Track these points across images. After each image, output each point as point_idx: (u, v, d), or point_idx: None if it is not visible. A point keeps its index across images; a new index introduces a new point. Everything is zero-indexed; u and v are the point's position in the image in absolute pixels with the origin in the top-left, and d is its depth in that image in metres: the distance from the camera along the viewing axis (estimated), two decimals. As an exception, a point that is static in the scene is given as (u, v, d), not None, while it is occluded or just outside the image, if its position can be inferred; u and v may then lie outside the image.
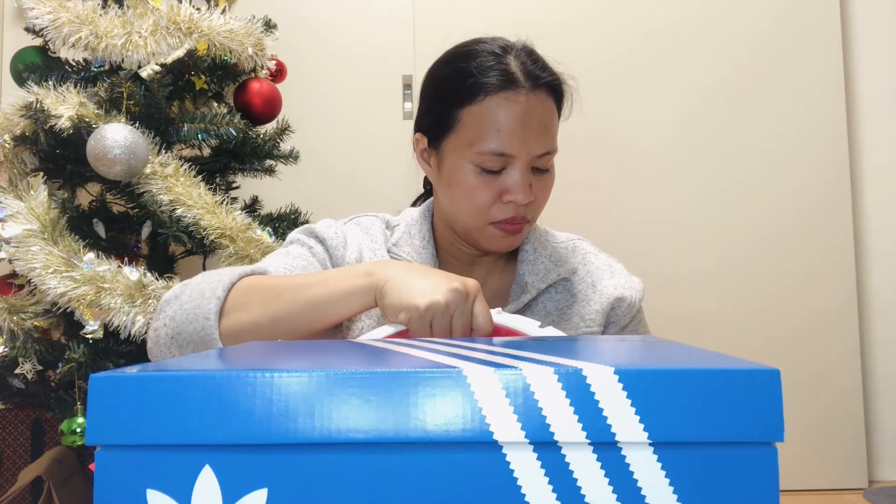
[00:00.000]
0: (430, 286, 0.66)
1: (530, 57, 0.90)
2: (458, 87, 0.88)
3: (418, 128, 0.95)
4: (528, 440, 0.31)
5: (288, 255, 0.90)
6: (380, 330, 0.68)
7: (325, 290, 0.72)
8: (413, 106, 2.16)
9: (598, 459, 0.31)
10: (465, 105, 0.87)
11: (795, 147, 2.20)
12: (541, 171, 0.89)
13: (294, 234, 0.95)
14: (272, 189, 1.95)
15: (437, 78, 0.93)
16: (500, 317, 0.70)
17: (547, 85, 0.89)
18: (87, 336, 1.44)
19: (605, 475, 0.31)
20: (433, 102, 0.93)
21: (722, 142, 2.21)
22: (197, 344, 0.74)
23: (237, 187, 1.82)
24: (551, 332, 0.67)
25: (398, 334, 0.68)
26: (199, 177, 1.57)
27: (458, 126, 0.88)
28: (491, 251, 0.94)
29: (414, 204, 1.11)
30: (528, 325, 0.69)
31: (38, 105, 1.46)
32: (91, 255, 1.45)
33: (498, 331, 0.69)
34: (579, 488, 0.31)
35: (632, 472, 0.31)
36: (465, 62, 0.88)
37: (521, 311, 0.94)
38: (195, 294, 0.77)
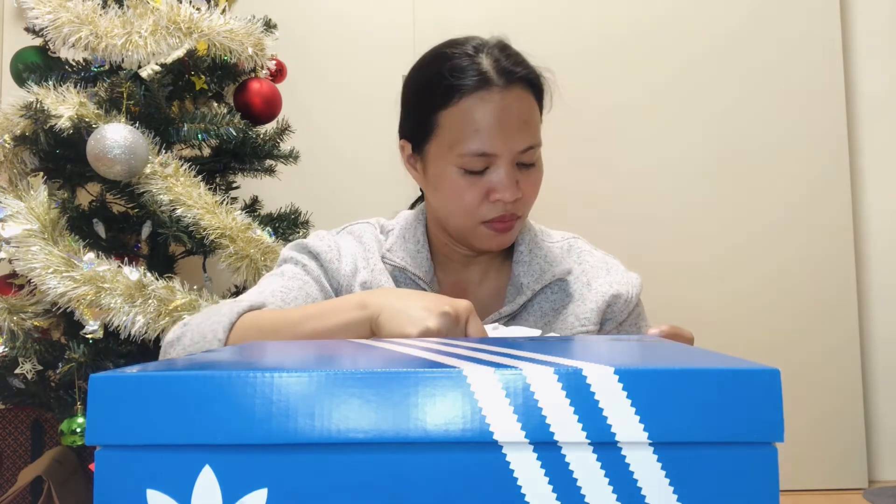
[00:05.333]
0: (421, 314, 0.66)
1: (503, 52, 0.89)
2: (434, 92, 0.88)
3: (402, 134, 0.95)
4: (528, 440, 0.31)
5: (283, 277, 0.90)
6: None
7: (321, 324, 0.72)
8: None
9: (598, 459, 0.31)
10: (441, 109, 0.87)
11: (795, 144, 2.20)
12: (526, 165, 0.89)
13: (287, 252, 0.95)
14: (272, 189, 1.95)
15: (413, 84, 0.94)
16: (498, 331, 0.70)
17: (522, 79, 0.88)
18: (87, 336, 1.44)
19: (605, 475, 0.31)
20: (412, 108, 0.93)
21: (721, 140, 2.21)
22: None
23: (237, 187, 1.82)
24: None
25: None
26: (199, 177, 1.57)
27: (438, 130, 0.88)
28: (484, 251, 0.94)
29: (412, 206, 1.11)
30: (528, 335, 0.69)
31: (38, 105, 1.46)
32: (91, 255, 1.45)
33: None
34: (579, 488, 0.31)
35: (632, 472, 0.31)
36: (439, 66, 0.88)
37: (517, 311, 0.94)
38: (196, 337, 0.77)
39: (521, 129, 0.86)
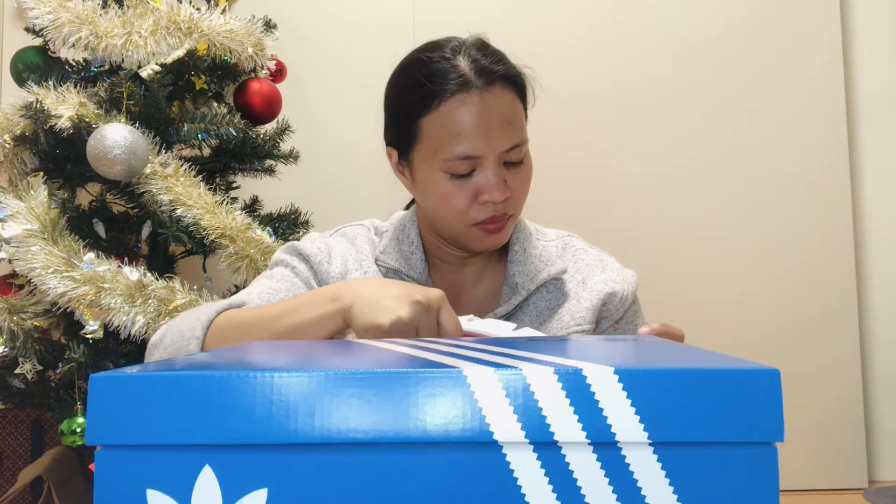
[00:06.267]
0: (392, 303, 0.66)
1: (481, 52, 0.88)
2: (414, 98, 0.87)
3: (388, 141, 0.95)
4: (528, 440, 0.31)
5: (272, 279, 0.90)
6: None
7: (295, 319, 0.72)
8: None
9: (598, 459, 0.31)
10: (422, 115, 0.87)
11: (795, 143, 2.20)
12: (514, 164, 0.88)
13: (278, 255, 0.96)
14: (272, 189, 1.95)
15: (393, 91, 0.93)
16: (472, 324, 0.70)
17: (502, 78, 0.87)
18: (87, 336, 1.44)
19: (605, 475, 0.31)
20: (394, 116, 0.93)
21: (721, 139, 2.21)
22: None
23: (237, 187, 1.82)
24: (528, 332, 0.67)
25: None
26: (199, 177, 1.57)
27: (421, 136, 0.88)
28: (479, 251, 0.94)
29: (408, 207, 1.11)
30: (502, 329, 0.69)
31: (38, 105, 1.46)
32: (91, 255, 1.45)
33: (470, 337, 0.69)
34: (579, 488, 0.31)
35: (632, 472, 0.31)
36: (417, 72, 0.88)
37: (513, 311, 0.94)
38: (176, 336, 0.78)
39: (503, 129, 0.86)
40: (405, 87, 0.90)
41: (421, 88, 0.86)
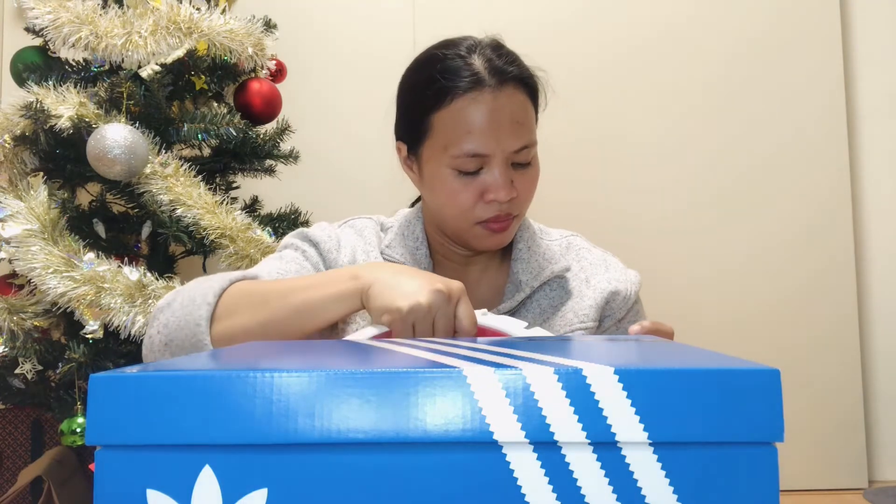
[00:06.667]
0: (413, 288, 0.66)
1: (496, 52, 0.89)
2: (427, 94, 0.88)
3: (398, 136, 0.96)
4: (528, 440, 0.31)
5: (281, 260, 0.91)
6: (364, 331, 0.69)
7: (312, 294, 0.72)
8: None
9: (598, 459, 0.31)
10: (435, 111, 0.87)
11: (795, 150, 2.20)
12: (522, 165, 0.89)
13: (288, 239, 0.96)
14: (272, 189, 1.95)
15: (406, 86, 0.94)
16: (486, 318, 0.70)
17: (514, 79, 0.88)
18: (87, 336, 1.44)
19: (605, 475, 0.31)
20: (406, 110, 0.93)
21: (720, 140, 2.21)
22: (189, 350, 0.75)
23: (237, 187, 1.82)
24: (538, 332, 0.67)
25: (382, 336, 0.68)
26: (199, 177, 1.57)
27: (432, 132, 0.88)
28: (482, 250, 0.94)
29: (413, 205, 1.11)
30: (515, 326, 0.69)
31: (38, 105, 1.46)
32: (91, 255, 1.45)
33: (483, 332, 0.70)
34: (579, 488, 0.31)
35: (632, 472, 0.31)
36: (431, 68, 0.88)
37: (516, 308, 0.95)
38: (186, 301, 0.78)
39: (513, 129, 0.86)
40: (419, 83, 0.90)
41: (434, 84, 0.87)
